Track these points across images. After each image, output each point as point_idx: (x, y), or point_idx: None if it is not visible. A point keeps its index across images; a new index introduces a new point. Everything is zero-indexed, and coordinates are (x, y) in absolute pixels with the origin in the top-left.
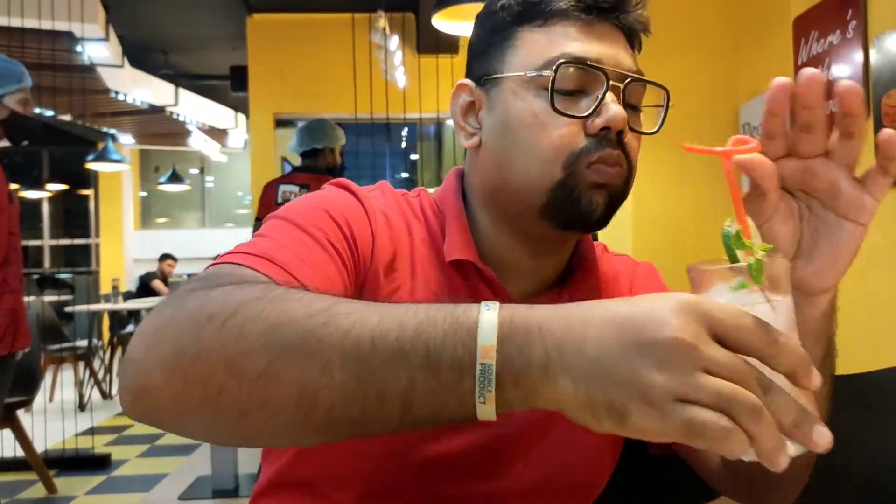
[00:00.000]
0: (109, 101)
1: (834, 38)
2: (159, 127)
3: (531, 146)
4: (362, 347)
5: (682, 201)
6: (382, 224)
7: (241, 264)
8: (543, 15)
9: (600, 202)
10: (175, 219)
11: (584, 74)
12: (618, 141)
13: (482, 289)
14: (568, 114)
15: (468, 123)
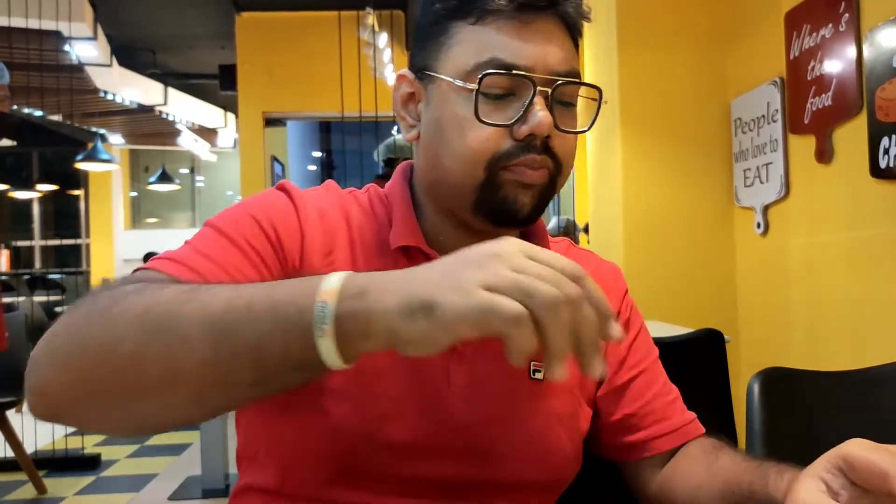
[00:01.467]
0: (98, 101)
1: (826, 32)
2: (149, 126)
3: (458, 148)
4: (216, 315)
5: (672, 202)
6: (314, 220)
7: (151, 268)
8: (478, 11)
9: (526, 201)
10: (165, 218)
11: (511, 80)
12: (544, 145)
13: None
14: (492, 123)
15: (408, 115)
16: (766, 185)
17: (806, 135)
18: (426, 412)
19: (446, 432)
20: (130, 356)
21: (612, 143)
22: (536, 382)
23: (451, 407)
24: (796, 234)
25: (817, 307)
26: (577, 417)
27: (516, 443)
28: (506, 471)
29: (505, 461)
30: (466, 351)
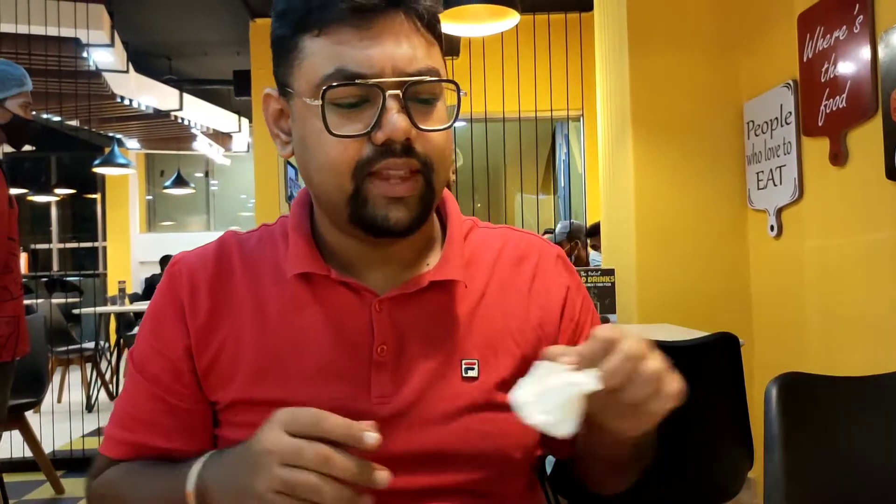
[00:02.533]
0: (115, 107)
1: (840, 34)
2: (164, 131)
3: (321, 162)
4: None
5: (685, 205)
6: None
7: (102, 453)
8: (319, 23)
9: (401, 216)
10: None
11: (359, 88)
12: (405, 148)
13: (340, 291)
14: (346, 135)
15: (280, 132)
16: (780, 188)
17: (820, 137)
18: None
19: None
20: None
21: (623, 146)
22: (469, 381)
23: (372, 411)
24: (810, 237)
25: (832, 310)
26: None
27: (455, 444)
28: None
29: (448, 463)
30: (388, 359)
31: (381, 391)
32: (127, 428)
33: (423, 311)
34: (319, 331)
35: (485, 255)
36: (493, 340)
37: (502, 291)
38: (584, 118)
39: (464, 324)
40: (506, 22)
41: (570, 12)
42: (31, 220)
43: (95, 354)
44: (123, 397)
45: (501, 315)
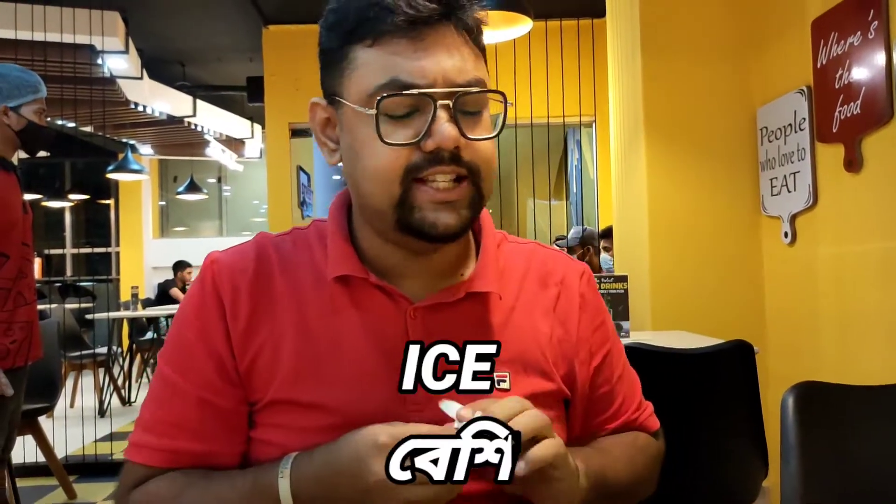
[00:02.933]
0: (129, 113)
1: (854, 40)
2: (178, 137)
3: (371, 170)
4: None
5: (698, 211)
6: (230, 299)
7: (135, 462)
8: (373, 34)
9: (450, 221)
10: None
11: (411, 98)
12: (453, 156)
13: (376, 297)
14: (397, 143)
15: (328, 140)
16: (794, 194)
17: (834, 143)
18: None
19: None
20: None
21: (636, 152)
22: (501, 393)
23: (407, 418)
24: (825, 244)
25: (847, 318)
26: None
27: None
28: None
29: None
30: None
31: (415, 399)
32: (165, 434)
33: (458, 321)
34: (356, 335)
35: (514, 269)
36: (523, 355)
37: (530, 307)
38: (597, 124)
39: (496, 336)
40: (518, 28)
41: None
42: (45, 226)
43: (108, 359)
44: (155, 402)
45: (530, 330)
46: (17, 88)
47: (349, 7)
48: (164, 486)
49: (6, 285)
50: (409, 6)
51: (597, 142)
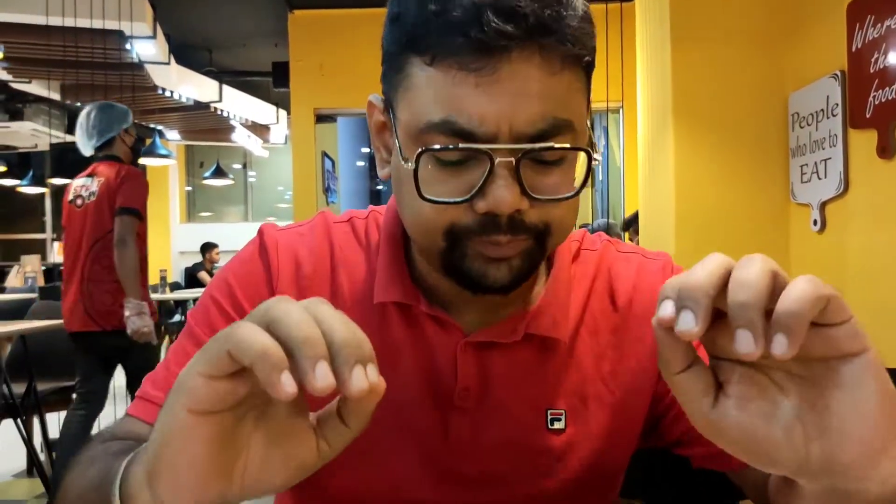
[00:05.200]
0: (157, 99)
1: (892, 23)
2: (204, 123)
3: (413, 215)
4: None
5: (726, 198)
6: (288, 279)
7: (132, 415)
8: (432, 50)
9: (500, 277)
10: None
11: (462, 152)
12: (512, 222)
13: (427, 322)
14: (439, 200)
15: (382, 147)
16: (824, 182)
17: (867, 129)
18: (423, 468)
19: (450, 487)
20: None
21: (664, 138)
22: (555, 433)
23: (450, 460)
24: (855, 232)
25: (877, 306)
26: (618, 459)
27: (537, 499)
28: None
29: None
30: (469, 404)
31: (459, 436)
32: (161, 386)
33: (512, 360)
34: (401, 360)
35: (580, 286)
36: (583, 388)
37: (594, 329)
38: (624, 110)
39: (553, 372)
40: None
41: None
42: None
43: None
44: (174, 358)
45: (593, 357)
46: (122, 116)
47: (410, 4)
48: (101, 450)
49: (143, 266)
50: (480, 27)
51: (624, 128)
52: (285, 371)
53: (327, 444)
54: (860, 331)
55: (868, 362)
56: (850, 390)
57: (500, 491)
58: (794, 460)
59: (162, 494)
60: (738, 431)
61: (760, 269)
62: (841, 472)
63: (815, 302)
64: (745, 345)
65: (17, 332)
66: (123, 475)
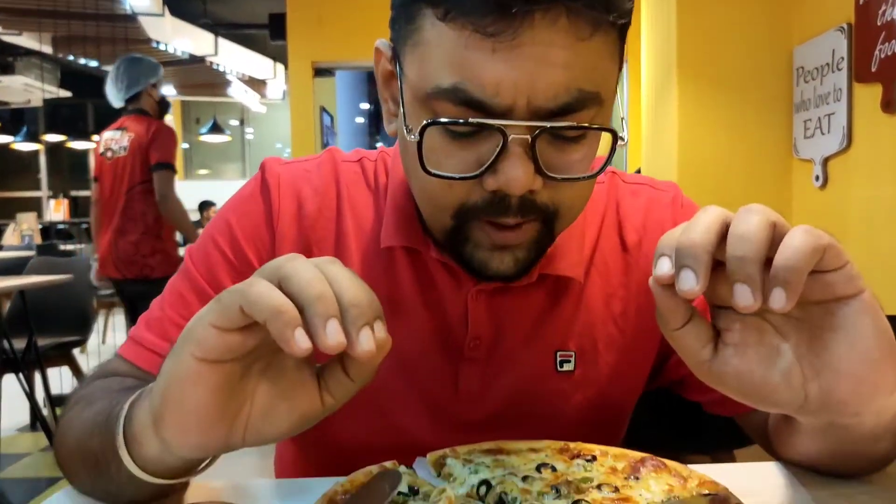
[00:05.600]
0: (151, 51)
1: None
2: (200, 77)
3: (420, 189)
4: (82, 441)
5: (728, 153)
6: (290, 218)
7: (121, 356)
8: (446, 3)
9: (503, 267)
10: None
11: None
12: (523, 202)
13: (437, 269)
14: (446, 176)
15: (390, 98)
16: (827, 137)
17: (872, 83)
18: (432, 420)
19: (456, 440)
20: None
21: (668, 91)
22: (564, 375)
23: (459, 411)
24: (857, 188)
25: (877, 260)
26: (624, 403)
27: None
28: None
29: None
30: (480, 354)
31: (469, 387)
32: (164, 336)
33: (524, 304)
34: (409, 310)
35: (590, 223)
36: (593, 329)
37: (605, 269)
38: (628, 65)
39: (565, 314)
40: None
41: None
42: (70, 168)
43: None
44: (168, 298)
45: (603, 298)
46: (151, 69)
47: None
48: (98, 389)
49: None
50: None
51: (628, 84)
52: (299, 328)
53: (331, 396)
54: (856, 273)
55: (863, 303)
56: (846, 330)
57: (505, 434)
58: (793, 401)
59: (167, 437)
60: (738, 378)
61: (759, 222)
62: (838, 408)
63: (812, 254)
64: (743, 299)
65: (16, 287)
66: (127, 416)
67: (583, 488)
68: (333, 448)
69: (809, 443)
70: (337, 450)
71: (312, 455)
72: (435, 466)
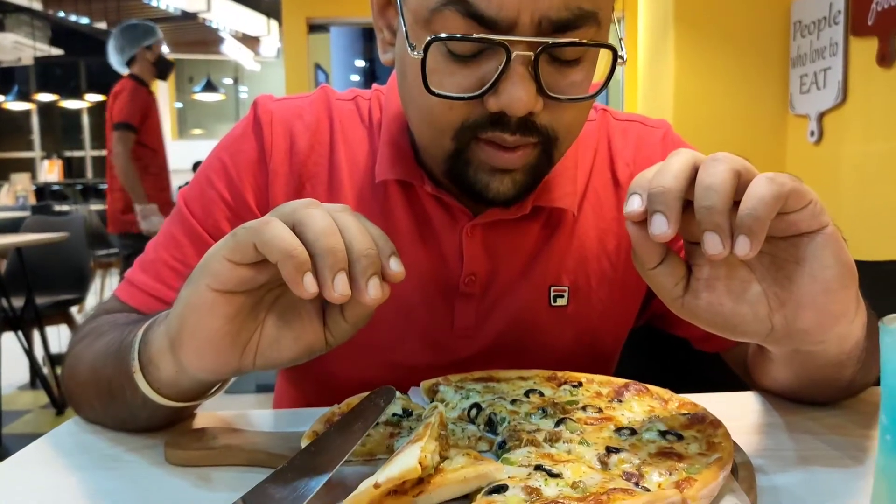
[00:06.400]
0: (142, 8)
1: None
2: (192, 34)
3: (421, 111)
4: (95, 369)
5: (725, 108)
6: (282, 155)
7: (117, 296)
8: None
9: (503, 190)
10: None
11: (477, 44)
12: (522, 122)
13: (432, 206)
14: (449, 96)
15: (385, 27)
16: (823, 92)
17: (869, 37)
18: (428, 356)
19: (451, 368)
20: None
21: (665, 48)
22: (557, 310)
23: (454, 347)
24: (851, 142)
25: (870, 214)
26: (615, 338)
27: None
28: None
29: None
30: (475, 290)
31: (465, 323)
32: (160, 278)
33: (519, 238)
34: (404, 245)
35: (582, 159)
36: (586, 264)
37: (598, 204)
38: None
39: (559, 248)
40: None
41: None
42: (63, 128)
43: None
44: (163, 240)
45: (596, 233)
46: (145, 33)
47: None
48: (103, 323)
49: (156, 171)
50: None
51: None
52: (308, 273)
53: (331, 334)
54: (819, 210)
55: (826, 237)
56: (809, 263)
57: (499, 368)
58: (760, 330)
59: (183, 360)
60: (709, 311)
61: (724, 171)
62: (801, 336)
63: (774, 202)
64: (712, 246)
65: (13, 244)
66: (143, 340)
67: (568, 409)
68: (331, 384)
69: (781, 370)
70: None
71: (310, 392)
72: (428, 394)
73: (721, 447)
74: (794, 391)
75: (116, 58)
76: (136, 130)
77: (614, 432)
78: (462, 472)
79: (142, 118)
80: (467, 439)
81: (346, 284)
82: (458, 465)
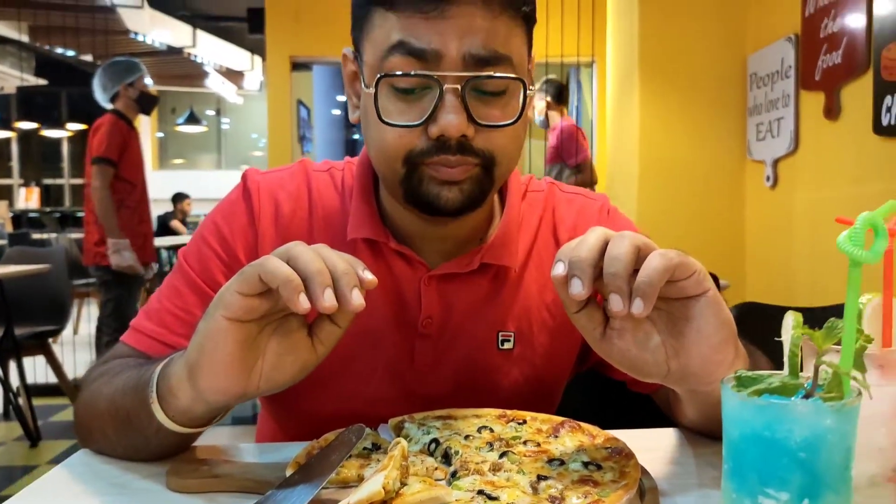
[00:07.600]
0: (129, 42)
1: None
2: (177, 68)
3: (376, 143)
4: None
5: (687, 154)
6: (269, 219)
7: (124, 342)
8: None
9: (452, 197)
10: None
11: (416, 79)
12: (460, 145)
13: (395, 261)
14: (396, 124)
15: (354, 94)
16: (777, 140)
17: (816, 91)
18: (392, 389)
19: (413, 407)
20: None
21: (630, 93)
22: (504, 353)
23: (416, 381)
24: (803, 188)
25: (819, 255)
26: (556, 379)
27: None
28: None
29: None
30: (432, 331)
31: (424, 360)
32: (164, 324)
33: (469, 288)
34: (371, 292)
35: (529, 224)
36: (529, 313)
37: (540, 262)
38: (597, 65)
39: (505, 298)
40: None
41: None
42: (42, 156)
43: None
44: (166, 292)
45: (538, 287)
46: (127, 70)
47: None
48: (117, 364)
49: (132, 205)
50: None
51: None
52: (302, 293)
53: (322, 344)
54: (702, 278)
55: (709, 299)
56: (696, 320)
57: (455, 406)
58: (660, 373)
59: (200, 382)
60: (620, 354)
61: (627, 245)
62: (693, 379)
63: (664, 273)
64: (615, 305)
65: None
66: (161, 374)
67: (511, 444)
68: (306, 419)
69: (688, 408)
70: (309, 420)
71: (288, 427)
72: (394, 430)
73: (630, 475)
74: (701, 426)
75: (101, 94)
76: (115, 165)
77: (546, 463)
78: (418, 496)
79: (120, 152)
80: (426, 469)
81: (332, 297)
82: (415, 489)
